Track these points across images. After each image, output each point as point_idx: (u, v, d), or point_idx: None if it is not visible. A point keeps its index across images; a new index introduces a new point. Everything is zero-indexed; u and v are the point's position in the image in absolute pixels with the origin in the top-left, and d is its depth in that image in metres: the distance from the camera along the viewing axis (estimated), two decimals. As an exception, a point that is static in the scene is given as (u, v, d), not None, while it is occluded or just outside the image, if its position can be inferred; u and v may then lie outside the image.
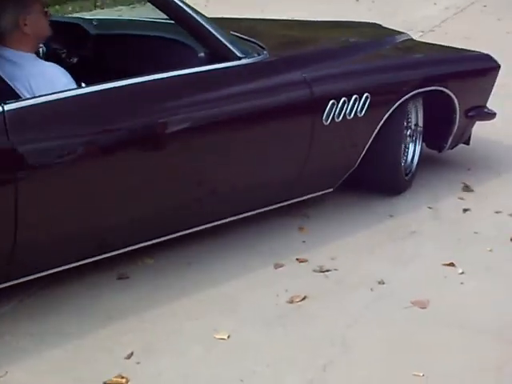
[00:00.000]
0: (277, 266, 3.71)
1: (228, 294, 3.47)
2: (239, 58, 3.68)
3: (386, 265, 3.75)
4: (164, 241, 3.61)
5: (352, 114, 3.97)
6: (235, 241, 3.96)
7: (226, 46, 3.65)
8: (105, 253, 3.37)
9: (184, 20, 3.57)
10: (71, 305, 3.33)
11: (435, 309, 3.35)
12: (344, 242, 4.00)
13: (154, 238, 3.54)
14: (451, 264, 3.72)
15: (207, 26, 3.57)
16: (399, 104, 4.22)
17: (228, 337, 3.11)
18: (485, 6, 11.36)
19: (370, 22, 5.74)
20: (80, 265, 3.34)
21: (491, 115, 4.88)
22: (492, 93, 4.91)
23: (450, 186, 4.75)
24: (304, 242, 3.99)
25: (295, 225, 4.16)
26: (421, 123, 4.61)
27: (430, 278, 3.64)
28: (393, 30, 5.40)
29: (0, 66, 3.20)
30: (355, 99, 3.96)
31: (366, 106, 4.01)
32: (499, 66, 4.87)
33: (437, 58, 4.86)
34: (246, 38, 4.06)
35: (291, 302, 3.38)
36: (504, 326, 3.24)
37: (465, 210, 4.37)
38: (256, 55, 3.78)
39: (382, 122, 4.16)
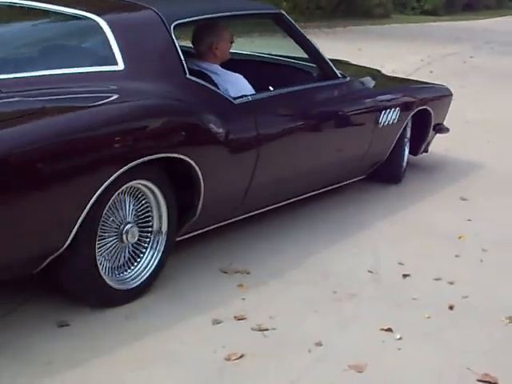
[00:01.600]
0: (215, 322, 3.65)
1: (166, 348, 3.39)
2: (339, 78, 5.24)
3: (325, 326, 3.72)
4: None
5: (390, 122, 5.58)
6: (174, 294, 3.91)
7: (332, 68, 5.21)
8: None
9: (307, 46, 5.15)
10: (9, 348, 3.23)
11: (372, 373, 3.32)
12: (284, 301, 3.96)
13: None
14: (389, 329, 3.70)
15: (321, 52, 5.17)
16: (410, 117, 5.96)
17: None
18: (431, 72, 11.91)
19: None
20: (22, 309, 3.31)
21: (447, 130, 6.59)
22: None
23: (390, 249, 4.78)
24: (243, 299, 3.94)
25: (235, 281, 4.12)
26: (409, 134, 6.12)
27: (368, 342, 3.62)
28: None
29: (208, 74, 4.45)
30: (391, 111, 5.57)
31: (397, 116, 5.64)
32: (452, 95, 6.71)
33: (419, 86, 6.62)
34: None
35: (228, 359, 3.32)
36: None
37: (404, 276, 4.38)
38: (346, 77, 5.31)
39: (401, 130, 5.84)
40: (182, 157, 3.75)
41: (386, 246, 4.86)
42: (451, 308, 4.03)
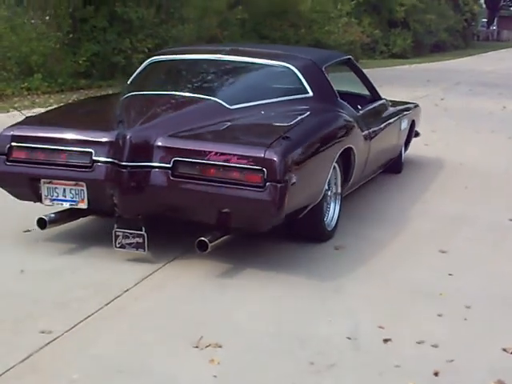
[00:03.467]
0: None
1: None
2: (382, 99, 7.61)
3: (303, 404, 3.48)
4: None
5: (403, 127, 8.02)
6: (141, 371, 3.67)
7: (379, 94, 7.59)
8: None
9: (365, 79, 7.51)
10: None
11: None
12: (258, 377, 3.72)
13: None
14: (372, 402, 3.47)
15: (373, 83, 7.57)
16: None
17: None
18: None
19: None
20: None
21: (419, 134, 9.10)
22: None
23: (369, 312, 4.54)
24: (215, 376, 3.68)
25: (206, 356, 3.86)
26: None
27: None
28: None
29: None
30: (404, 121, 8.06)
31: (409, 124, 8.34)
32: (420, 108, 9.16)
33: (409, 104, 8.84)
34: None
35: None
36: None
37: (385, 341, 4.14)
38: (384, 99, 7.67)
39: (407, 133, 8.40)
40: (351, 145, 5.88)
41: (364, 308, 4.61)
42: (436, 374, 3.80)
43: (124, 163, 4.83)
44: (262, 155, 4.67)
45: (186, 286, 4.83)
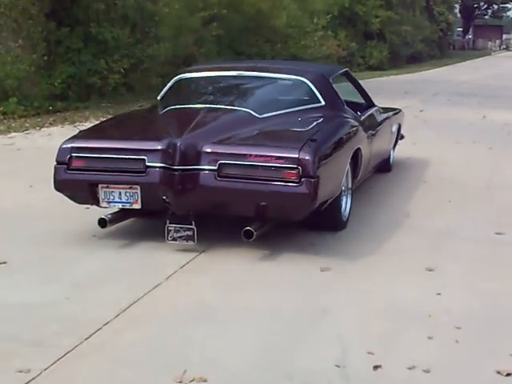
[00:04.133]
0: None
1: None
2: (375, 106, 8.52)
3: None
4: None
5: (393, 130, 9.10)
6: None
7: (373, 101, 8.52)
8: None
9: (361, 89, 8.43)
10: None
11: None
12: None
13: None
14: None
15: (368, 93, 8.55)
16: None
17: None
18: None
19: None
20: None
21: (403, 137, 10.02)
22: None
23: (357, 337, 4.40)
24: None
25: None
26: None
27: None
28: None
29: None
30: (394, 124, 9.12)
31: (397, 128, 9.38)
32: (404, 112, 10.26)
33: (396, 110, 9.81)
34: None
35: None
36: None
37: (375, 367, 3.99)
38: (376, 106, 8.58)
39: (396, 135, 9.47)
40: (359, 146, 6.81)
41: (352, 332, 4.46)
42: (430, 402, 3.67)
43: (176, 167, 5.64)
44: (297, 155, 5.54)
45: (166, 318, 4.67)
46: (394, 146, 9.42)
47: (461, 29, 77.32)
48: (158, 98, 7.53)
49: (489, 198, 7.99)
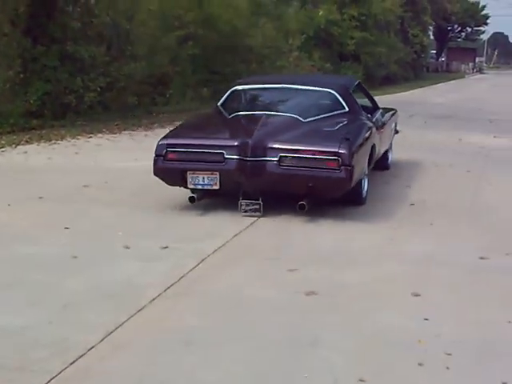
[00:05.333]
0: None
1: None
2: (380, 108, 10.65)
3: None
4: None
5: (393, 128, 11.62)
6: None
7: (378, 104, 10.72)
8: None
9: (369, 96, 10.71)
10: None
11: None
12: None
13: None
14: None
15: (374, 98, 10.86)
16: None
17: None
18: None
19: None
20: None
21: (398, 132, 12.20)
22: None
23: (348, 366, 4.33)
24: None
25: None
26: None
27: None
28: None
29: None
30: (394, 123, 11.72)
31: (394, 125, 11.75)
32: (398, 112, 12.36)
33: (392, 109, 11.96)
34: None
35: None
36: None
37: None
38: (380, 108, 10.70)
39: (394, 133, 11.88)
40: (374, 142, 8.91)
41: (342, 360, 4.39)
42: (423, 432, 3.61)
43: (248, 158, 7.71)
44: (337, 150, 7.59)
45: (152, 343, 4.58)
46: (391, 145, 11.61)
47: (434, 51, 77.99)
48: (219, 104, 9.53)
49: (470, 222, 7.97)
